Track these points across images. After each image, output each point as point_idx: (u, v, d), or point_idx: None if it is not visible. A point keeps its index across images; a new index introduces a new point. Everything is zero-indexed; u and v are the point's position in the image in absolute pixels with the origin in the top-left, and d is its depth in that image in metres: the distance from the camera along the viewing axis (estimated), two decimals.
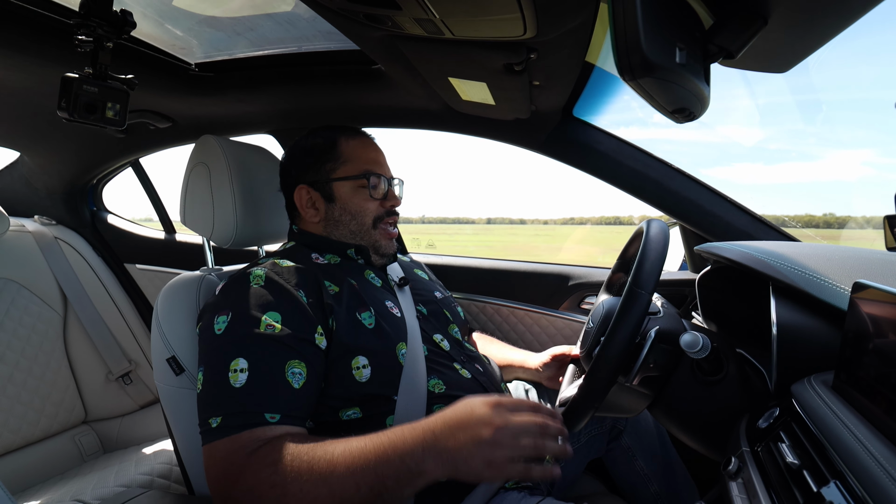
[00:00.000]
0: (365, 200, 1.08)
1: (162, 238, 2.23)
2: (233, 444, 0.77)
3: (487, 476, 0.70)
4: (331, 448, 0.74)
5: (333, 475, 0.71)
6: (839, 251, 0.85)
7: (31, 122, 1.60)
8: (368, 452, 0.72)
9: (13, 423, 1.59)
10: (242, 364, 0.82)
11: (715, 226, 1.36)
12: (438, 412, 0.76)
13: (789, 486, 0.54)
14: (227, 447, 0.77)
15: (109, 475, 1.46)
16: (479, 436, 0.70)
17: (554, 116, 1.36)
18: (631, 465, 1.19)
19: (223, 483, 0.76)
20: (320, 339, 0.89)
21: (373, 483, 0.70)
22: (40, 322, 1.74)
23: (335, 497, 0.71)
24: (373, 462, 0.71)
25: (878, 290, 0.54)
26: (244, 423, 0.78)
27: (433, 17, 0.81)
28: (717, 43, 0.67)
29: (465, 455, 0.69)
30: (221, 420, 0.79)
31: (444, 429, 0.72)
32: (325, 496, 0.71)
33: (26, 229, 1.86)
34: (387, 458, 0.71)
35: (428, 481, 0.71)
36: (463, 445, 0.70)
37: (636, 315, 0.78)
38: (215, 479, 0.78)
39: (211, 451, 0.79)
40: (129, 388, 1.95)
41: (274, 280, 0.92)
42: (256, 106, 1.53)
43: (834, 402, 0.57)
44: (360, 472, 0.71)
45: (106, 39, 0.88)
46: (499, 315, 1.72)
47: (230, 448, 0.77)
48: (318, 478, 0.71)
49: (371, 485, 0.70)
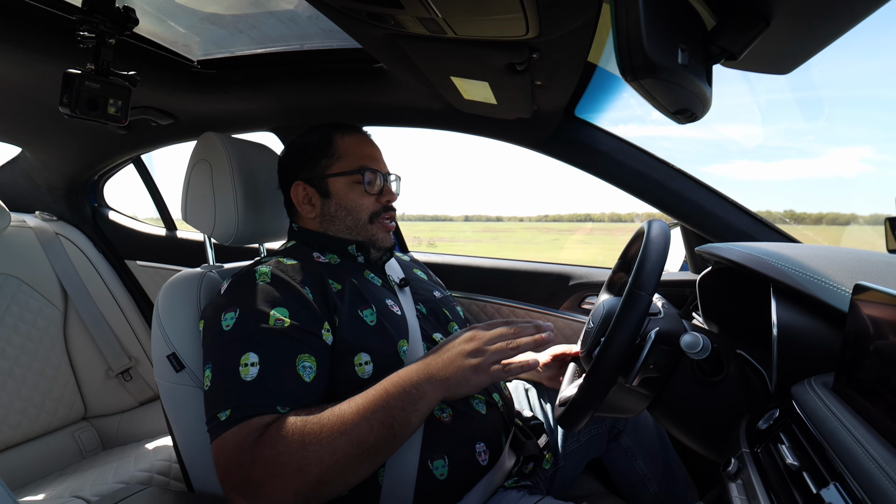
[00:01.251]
0: (360, 196, 1.09)
1: (163, 235, 2.23)
2: (242, 431, 0.78)
3: (476, 381, 0.81)
4: (336, 407, 0.79)
5: (347, 424, 0.76)
6: (840, 253, 0.85)
7: (33, 118, 1.60)
8: (372, 396, 0.79)
9: (13, 419, 1.59)
10: (253, 358, 0.82)
11: (716, 227, 1.36)
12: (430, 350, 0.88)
13: (789, 487, 0.54)
14: (237, 434, 0.78)
15: (109, 471, 1.46)
16: (462, 351, 0.83)
17: (556, 116, 1.36)
18: (630, 465, 1.19)
19: (238, 471, 0.76)
20: (327, 335, 0.90)
21: (383, 418, 0.77)
22: (41, 318, 1.74)
23: (353, 442, 0.75)
24: (380, 401, 0.78)
25: (879, 292, 0.53)
26: (255, 412, 0.79)
27: (436, 16, 0.81)
28: (719, 44, 0.67)
29: (455, 370, 0.81)
30: (231, 413, 0.79)
31: (432, 358, 0.84)
32: (344, 444, 0.75)
33: (27, 225, 1.87)
34: (390, 393, 0.79)
35: (430, 404, 0.80)
36: (450, 363, 0.82)
37: (636, 316, 0.78)
38: (227, 470, 0.77)
39: (220, 444, 0.79)
40: (128, 384, 1.95)
41: (280, 277, 0.93)
42: (258, 103, 1.53)
43: (834, 403, 0.57)
44: (370, 413, 0.77)
45: (108, 36, 0.89)
46: (499, 314, 1.72)
47: (239, 435, 0.77)
48: (333, 431, 0.75)
49: (382, 420, 0.77)
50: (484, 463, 0.94)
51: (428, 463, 0.89)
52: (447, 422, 0.93)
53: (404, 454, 0.88)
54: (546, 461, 1.09)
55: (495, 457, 0.96)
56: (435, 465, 0.89)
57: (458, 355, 0.82)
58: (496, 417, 1.00)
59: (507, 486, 0.98)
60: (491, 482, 0.95)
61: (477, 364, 0.81)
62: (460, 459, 0.92)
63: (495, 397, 1.03)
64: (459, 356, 0.82)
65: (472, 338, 0.84)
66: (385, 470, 0.87)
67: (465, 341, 0.84)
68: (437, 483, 0.89)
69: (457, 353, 0.83)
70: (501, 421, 1.01)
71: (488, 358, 0.81)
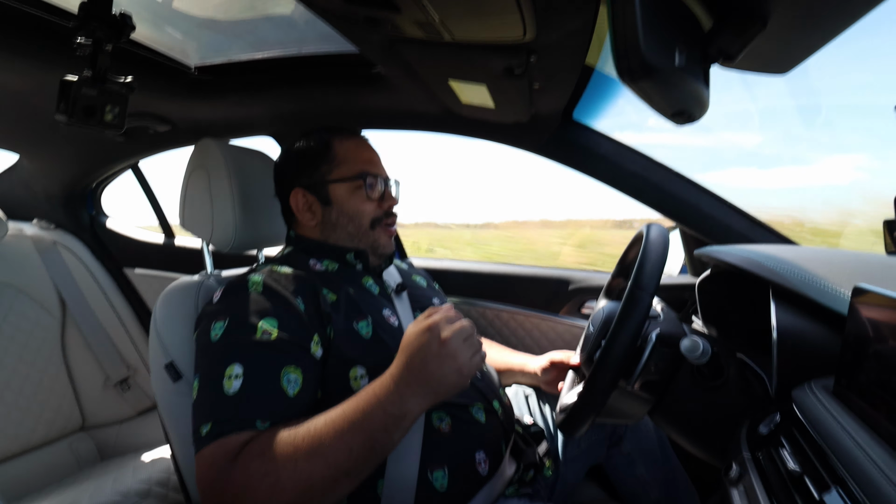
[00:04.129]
0: (362, 202, 1.07)
1: (161, 242, 2.23)
2: (220, 449, 0.75)
3: (463, 382, 0.77)
4: (312, 424, 0.75)
5: (323, 445, 0.72)
6: (839, 255, 0.85)
7: (30, 125, 1.60)
8: (351, 416, 0.74)
9: (10, 430, 1.58)
10: (237, 370, 0.81)
11: (714, 229, 1.36)
12: (394, 361, 0.79)
13: (791, 492, 0.53)
14: (214, 452, 0.75)
15: (107, 483, 1.44)
16: (438, 355, 0.75)
17: (554, 119, 1.36)
18: (631, 471, 1.19)
19: (213, 490, 0.74)
20: (315, 349, 0.88)
21: (363, 440, 0.72)
22: (38, 327, 1.73)
23: (331, 466, 0.71)
24: (360, 423, 0.73)
25: (879, 295, 0.53)
26: (233, 428, 0.76)
27: (433, 20, 0.81)
28: (716, 45, 0.67)
29: (438, 376, 0.75)
30: (211, 427, 0.77)
31: (407, 370, 0.76)
32: (321, 468, 0.71)
33: (25, 233, 1.86)
34: (368, 414, 0.73)
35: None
36: (430, 371, 0.75)
37: (638, 316, 0.77)
38: (204, 489, 0.75)
39: (199, 460, 0.76)
40: (126, 394, 1.94)
41: (272, 287, 0.91)
42: (256, 109, 1.53)
43: (835, 407, 0.57)
44: (348, 434, 0.72)
45: (105, 42, 0.88)
46: (499, 320, 1.71)
47: (217, 452, 0.75)
48: (309, 453, 0.72)
49: (362, 442, 0.72)
50: (484, 472, 0.93)
51: (427, 474, 0.88)
52: (446, 431, 0.92)
53: (403, 465, 0.86)
54: (547, 468, 1.08)
55: (496, 465, 0.96)
56: (435, 476, 0.88)
57: (435, 363, 0.75)
58: (496, 425, 0.99)
59: (508, 495, 0.97)
60: (492, 491, 0.94)
61: (459, 366, 0.76)
62: (460, 469, 0.91)
63: (495, 404, 1.02)
64: (437, 363, 0.75)
65: (438, 338, 0.76)
66: (384, 482, 0.86)
67: (433, 343, 0.76)
68: (438, 494, 0.88)
69: (432, 359, 0.75)
70: (501, 428, 1.00)
71: (468, 353, 0.77)
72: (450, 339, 0.76)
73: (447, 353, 0.75)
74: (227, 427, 0.77)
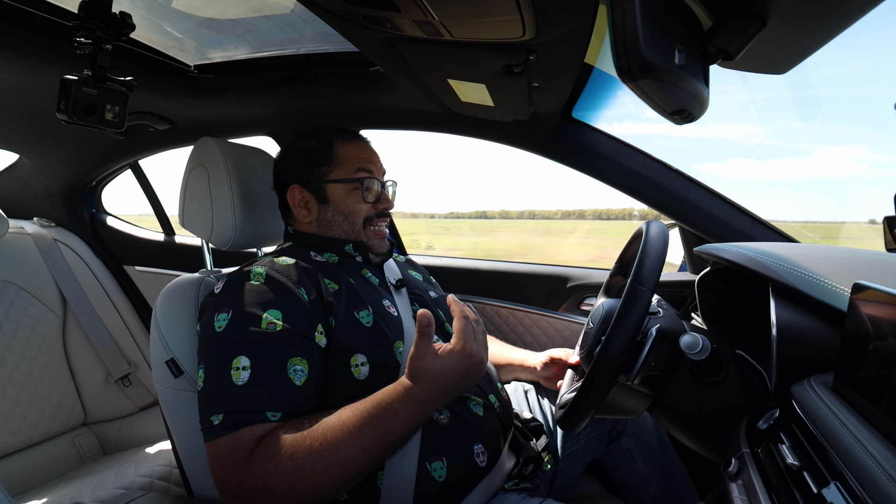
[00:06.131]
0: (357, 202, 1.09)
1: (161, 240, 2.23)
2: (235, 442, 0.78)
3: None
4: (329, 431, 0.77)
5: (342, 453, 0.75)
6: (838, 252, 0.85)
7: (31, 124, 1.60)
8: (370, 429, 0.77)
9: (12, 425, 1.59)
10: (245, 362, 0.82)
11: (714, 227, 1.36)
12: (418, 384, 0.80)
13: (790, 487, 0.54)
14: (230, 444, 0.78)
15: (109, 477, 1.45)
16: (468, 372, 0.80)
17: (553, 118, 1.36)
18: (630, 466, 1.19)
19: (230, 480, 0.77)
20: (320, 338, 0.90)
21: (382, 447, 0.76)
22: (39, 324, 1.74)
23: (349, 470, 0.75)
24: (380, 435, 0.76)
25: (878, 291, 0.53)
26: (246, 420, 0.79)
27: (432, 19, 0.81)
28: (716, 44, 0.67)
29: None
30: (223, 417, 0.80)
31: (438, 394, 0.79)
32: (340, 472, 0.75)
33: (25, 231, 1.86)
34: (390, 429, 0.77)
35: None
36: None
37: (638, 312, 0.78)
38: (221, 477, 0.79)
39: (214, 449, 0.80)
40: (128, 389, 1.95)
41: (274, 278, 0.92)
42: (255, 108, 1.53)
43: (834, 403, 0.57)
44: (369, 446, 0.76)
45: (105, 41, 0.88)
46: (498, 316, 1.72)
47: (232, 446, 0.78)
48: (330, 462, 0.75)
49: (380, 443, 0.76)
50: (483, 464, 0.94)
51: (426, 465, 0.89)
52: (445, 423, 0.93)
53: (403, 456, 0.88)
54: (546, 463, 1.09)
55: (494, 458, 0.96)
56: (433, 466, 0.89)
57: (465, 376, 0.80)
58: (493, 419, 1.00)
59: (507, 489, 0.98)
60: (491, 484, 0.95)
61: (477, 374, 0.82)
62: (459, 461, 0.92)
63: (491, 399, 1.02)
64: (465, 377, 0.80)
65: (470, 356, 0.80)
66: (384, 472, 0.87)
67: (472, 364, 0.80)
68: (437, 485, 0.89)
69: (467, 375, 0.81)
70: (499, 422, 1.01)
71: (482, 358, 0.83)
72: (477, 352, 0.81)
73: (477, 366, 0.81)
74: (239, 419, 0.79)
